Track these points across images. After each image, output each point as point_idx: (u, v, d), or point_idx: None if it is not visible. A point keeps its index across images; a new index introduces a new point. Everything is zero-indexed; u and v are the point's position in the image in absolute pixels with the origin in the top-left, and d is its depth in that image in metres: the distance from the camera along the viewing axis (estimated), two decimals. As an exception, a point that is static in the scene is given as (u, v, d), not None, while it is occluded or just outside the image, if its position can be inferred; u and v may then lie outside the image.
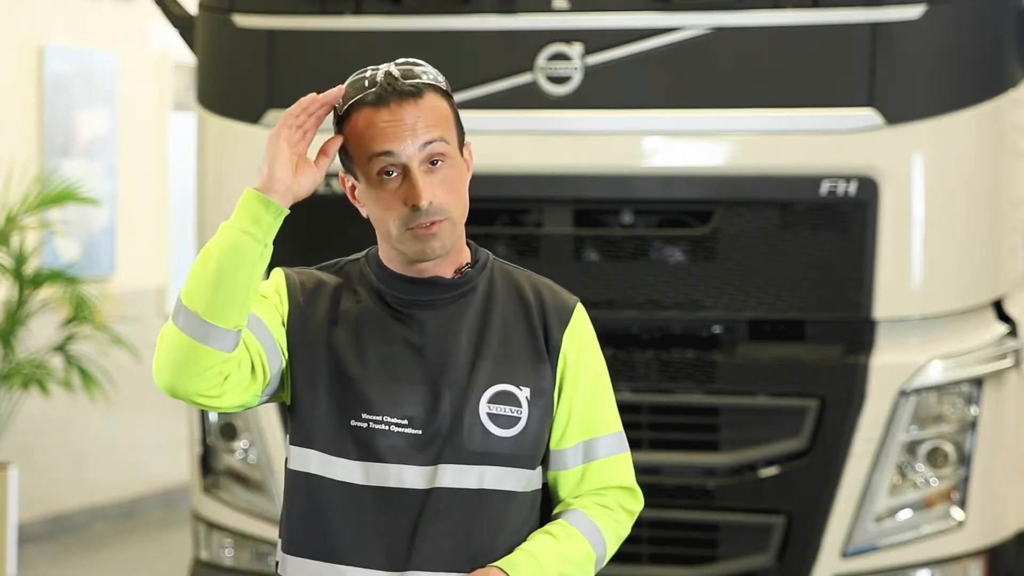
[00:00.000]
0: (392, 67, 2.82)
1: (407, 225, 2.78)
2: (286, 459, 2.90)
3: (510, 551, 2.83)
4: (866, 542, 5.11)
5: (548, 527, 2.87)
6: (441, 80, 2.85)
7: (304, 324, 2.84)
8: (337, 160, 2.86)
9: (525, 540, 2.86)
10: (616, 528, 2.92)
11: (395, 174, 2.78)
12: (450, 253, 2.85)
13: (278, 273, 2.90)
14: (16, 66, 9.00)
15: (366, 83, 2.81)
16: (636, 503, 2.95)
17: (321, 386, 2.83)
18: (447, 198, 2.79)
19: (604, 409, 2.93)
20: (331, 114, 2.84)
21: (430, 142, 2.78)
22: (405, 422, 2.81)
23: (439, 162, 2.79)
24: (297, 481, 2.87)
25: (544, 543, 2.84)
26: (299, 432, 2.86)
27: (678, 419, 5.23)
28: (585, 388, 2.90)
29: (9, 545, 6.47)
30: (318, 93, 2.80)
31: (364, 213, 2.87)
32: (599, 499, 2.91)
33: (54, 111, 9.18)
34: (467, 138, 2.89)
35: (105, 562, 9.02)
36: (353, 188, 2.87)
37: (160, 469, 9.85)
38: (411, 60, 2.85)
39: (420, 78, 2.81)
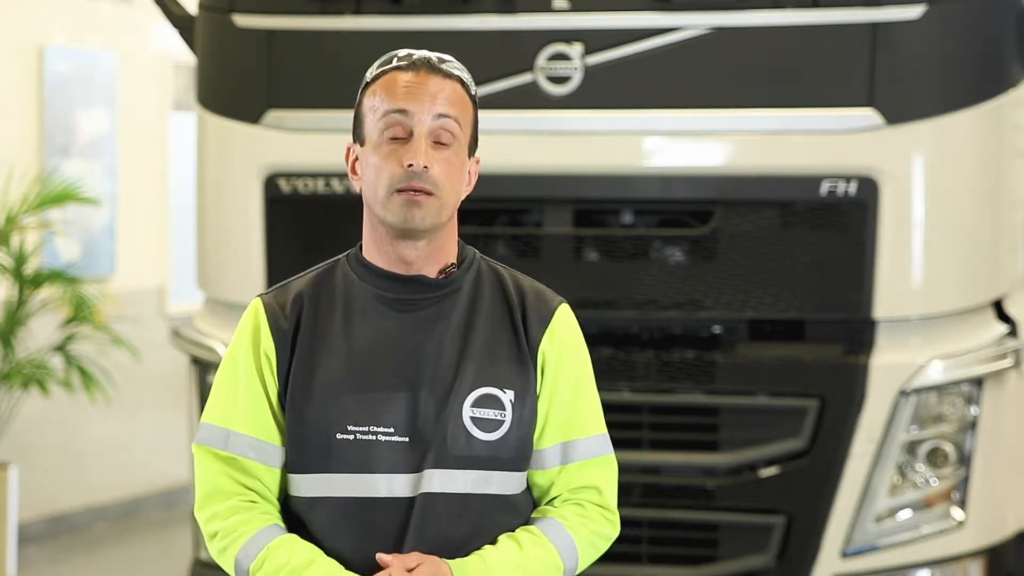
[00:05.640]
0: (430, 52, 2.84)
1: (396, 186, 2.76)
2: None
3: None
4: (866, 542, 5.11)
5: (518, 532, 2.82)
6: (472, 84, 2.86)
7: (293, 368, 2.81)
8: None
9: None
10: (593, 538, 2.87)
11: (401, 139, 2.77)
12: (436, 251, 2.82)
13: (258, 315, 2.85)
14: (16, 66, 9.00)
15: (400, 54, 2.83)
16: (613, 522, 2.90)
17: (308, 408, 2.79)
18: (443, 177, 2.77)
19: (585, 411, 2.89)
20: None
21: (445, 115, 2.78)
22: (392, 430, 2.77)
23: (446, 143, 2.78)
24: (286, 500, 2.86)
25: (505, 550, 2.78)
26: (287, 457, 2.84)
27: (678, 419, 5.22)
28: (565, 389, 2.86)
29: (9, 545, 6.48)
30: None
31: (357, 187, 2.85)
32: (579, 509, 2.86)
33: (54, 111, 9.18)
34: None
35: (105, 562, 9.02)
36: (355, 160, 2.85)
37: (160, 469, 9.84)
38: (448, 56, 2.86)
39: (453, 67, 2.84)
